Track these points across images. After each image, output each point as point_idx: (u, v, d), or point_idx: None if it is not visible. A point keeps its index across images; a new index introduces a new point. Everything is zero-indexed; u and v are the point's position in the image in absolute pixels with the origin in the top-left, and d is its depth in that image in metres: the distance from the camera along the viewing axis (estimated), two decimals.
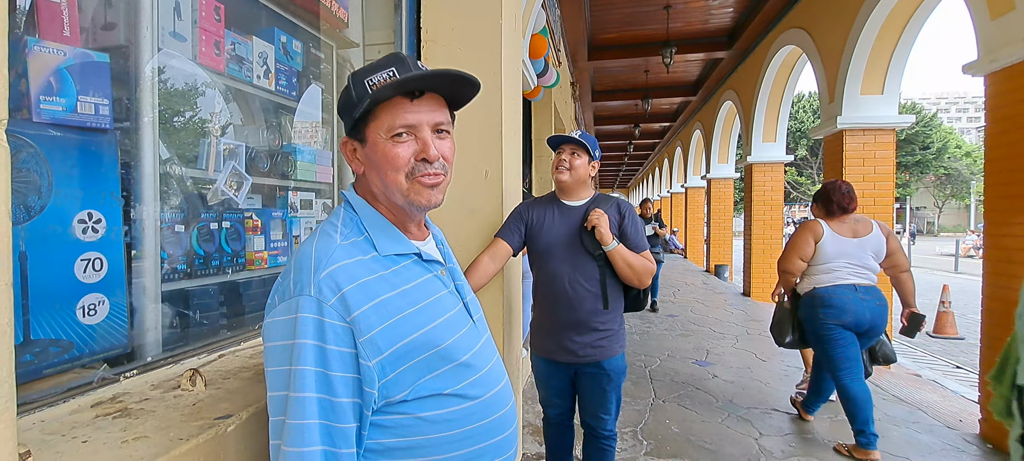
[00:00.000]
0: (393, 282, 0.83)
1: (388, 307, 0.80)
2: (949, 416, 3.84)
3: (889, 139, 5.34)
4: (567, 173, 2.07)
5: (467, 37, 2.24)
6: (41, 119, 1.04)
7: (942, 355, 6.67)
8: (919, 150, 37.19)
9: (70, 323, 1.11)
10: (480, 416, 0.88)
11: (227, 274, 1.51)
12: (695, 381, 4.46)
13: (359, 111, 0.84)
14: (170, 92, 1.37)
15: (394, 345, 0.79)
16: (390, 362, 0.79)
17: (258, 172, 1.64)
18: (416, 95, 0.85)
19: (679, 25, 7.62)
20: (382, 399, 0.80)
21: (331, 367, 0.74)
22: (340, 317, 0.76)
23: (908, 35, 5.02)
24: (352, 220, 0.89)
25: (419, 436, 0.82)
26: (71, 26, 1.12)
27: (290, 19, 1.79)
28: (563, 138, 2.11)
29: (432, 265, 0.93)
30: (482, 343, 0.95)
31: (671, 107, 13.90)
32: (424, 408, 0.82)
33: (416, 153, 0.85)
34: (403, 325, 0.81)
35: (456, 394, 0.85)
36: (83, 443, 0.84)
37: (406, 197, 0.86)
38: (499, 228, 2.17)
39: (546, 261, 2.09)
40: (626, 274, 2.02)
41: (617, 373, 2.09)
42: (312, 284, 0.76)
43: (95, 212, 1.14)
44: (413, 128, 0.85)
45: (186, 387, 1.08)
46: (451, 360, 0.85)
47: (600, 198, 2.12)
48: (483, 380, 0.90)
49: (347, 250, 0.82)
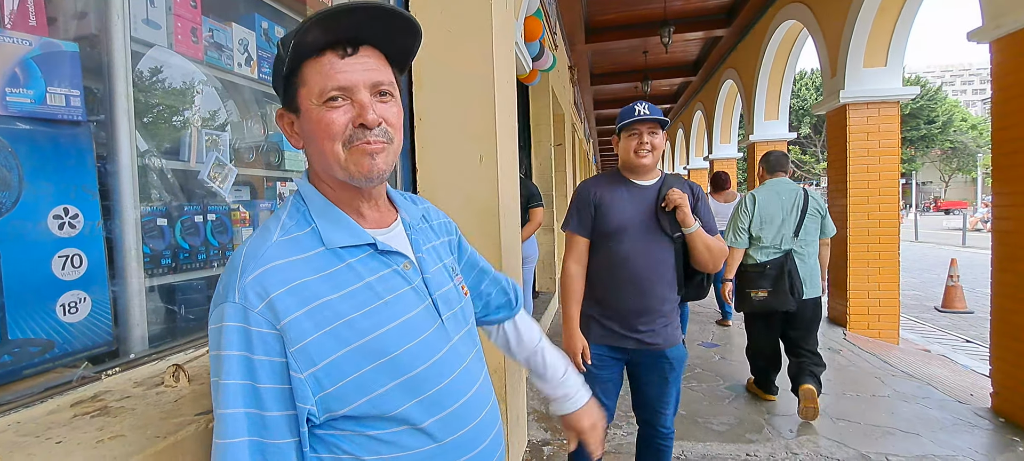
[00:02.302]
0: (338, 282, 0.74)
1: (327, 311, 0.71)
2: (960, 391, 3.80)
3: (893, 112, 5.25)
4: (650, 155, 1.90)
5: (456, 20, 2.19)
6: (8, 112, 1.00)
7: (951, 330, 6.62)
8: (924, 124, 36.80)
9: (50, 321, 1.08)
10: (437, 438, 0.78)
11: (214, 268, 1.48)
12: (701, 362, 4.43)
13: (284, 71, 0.74)
14: (146, 82, 1.32)
15: (333, 354, 0.71)
16: (326, 374, 0.70)
17: (243, 163, 1.60)
18: (348, 51, 0.74)
19: (678, 3, 7.50)
20: (324, 413, 0.72)
21: (259, 379, 0.67)
22: (269, 324, 0.68)
23: (911, 4, 4.91)
24: (299, 210, 0.79)
25: (371, 456, 0.74)
26: (37, 14, 1.07)
27: (271, 4, 1.74)
28: (637, 117, 1.89)
29: (391, 257, 0.81)
30: (451, 345, 0.84)
31: (671, 88, 13.76)
32: (374, 426, 0.74)
33: (353, 119, 0.74)
34: (344, 331, 0.72)
35: (401, 416, 0.75)
36: (57, 444, 0.81)
37: (345, 168, 0.75)
38: (565, 220, 2.04)
39: (618, 242, 1.93)
40: (704, 258, 1.91)
41: (680, 362, 1.98)
42: (237, 289, 0.68)
43: (71, 207, 1.10)
44: (348, 90, 0.74)
45: (169, 383, 1.05)
46: (402, 372, 0.75)
47: (670, 177, 1.99)
48: (437, 396, 0.79)
49: (282, 248, 0.73)
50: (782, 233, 3.25)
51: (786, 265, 3.21)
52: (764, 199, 3.31)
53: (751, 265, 3.32)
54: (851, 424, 3.19)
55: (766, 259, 3.26)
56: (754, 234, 3.30)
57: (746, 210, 3.33)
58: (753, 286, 3.28)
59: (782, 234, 3.25)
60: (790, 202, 3.28)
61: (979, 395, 3.64)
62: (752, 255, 3.34)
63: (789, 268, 3.21)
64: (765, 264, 3.24)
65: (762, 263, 3.26)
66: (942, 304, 7.72)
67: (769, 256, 3.27)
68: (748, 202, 3.35)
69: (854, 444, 2.92)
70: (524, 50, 4.28)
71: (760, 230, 3.28)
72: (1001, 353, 3.33)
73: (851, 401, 3.56)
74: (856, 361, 4.41)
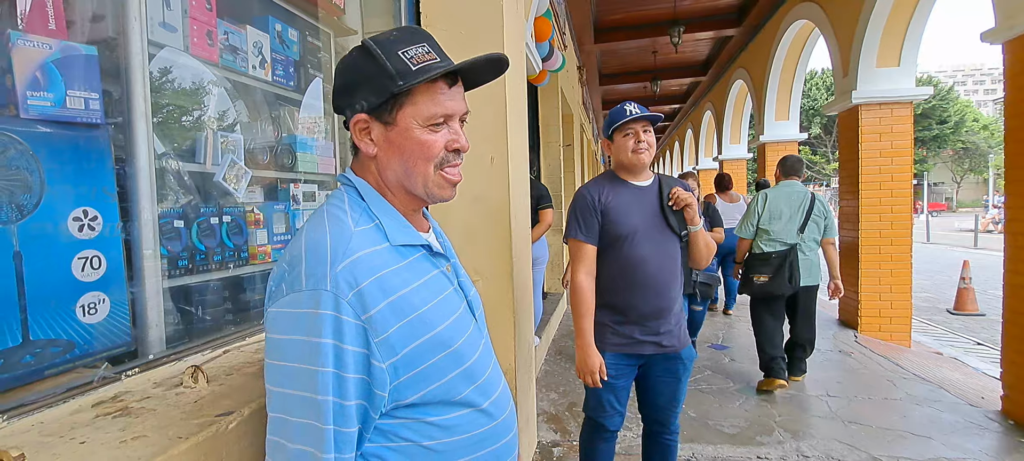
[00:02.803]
0: (407, 276, 0.78)
1: (403, 304, 0.75)
2: (971, 393, 3.76)
3: (906, 112, 5.19)
4: (647, 153, 1.88)
5: (468, 21, 2.19)
6: (29, 115, 1.01)
7: (963, 332, 6.54)
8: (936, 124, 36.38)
9: (70, 323, 1.10)
10: (485, 422, 0.84)
11: (230, 269, 1.49)
12: (711, 365, 4.41)
13: (401, 88, 0.76)
14: (163, 84, 1.34)
15: (409, 345, 0.74)
16: (404, 363, 0.75)
17: (258, 164, 1.62)
18: (453, 81, 0.82)
19: (687, 3, 7.46)
20: (392, 402, 0.76)
21: (346, 368, 0.70)
22: (355, 314, 0.70)
23: (925, 3, 4.85)
24: (359, 205, 0.81)
25: (430, 441, 0.79)
26: (57, 19, 1.09)
27: (285, 7, 1.76)
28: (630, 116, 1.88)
29: (439, 259, 0.87)
30: (484, 344, 0.91)
31: (681, 88, 13.69)
32: (434, 413, 0.79)
33: (448, 142, 0.81)
34: (418, 324, 0.76)
35: (463, 401, 0.81)
36: (81, 444, 0.82)
37: (427, 188, 0.82)
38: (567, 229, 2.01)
39: (632, 246, 1.88)
40: (702, 254, 1.94)
41: (691, 362, 1.98)
42: (329, 277, 0.70)
43: (91, 209, 1.12)
44: (449, 117, 0.81)
45: (188, 384, 1.06)
46: (461, 362, 0.81)
47: (664, 177, 1.99)
48: (486, 385, 0.86)
49: (363, 238, 0.76)
50: (788, 229, 3.63)
51: (789, 257, 3.60)
52: (775, 197, 3.71)
53: (758, 254, 3.71)
54: (863, 427, 3.16)
55: (771, 250, 3.66)
56: (763, 227, 3.70)
57: (757, 206, 3.75)
58: (756, 271, 3.69)
59: (788, 230, 3.63)
60: (797, 203, 3.67)
61: (990, 398, 3.60)
62: (760, 245, 3.71)
63: (791, 260, 3.60)
64: (770, 254, 3.64)
65: (767, 253, 3.66)
66: (954, 306, 7.63)
67: (775, 248, 3.65)
68: (760, 199, 3.75)
69: (865, 447, 2.89)
70: (534, 51, 4.27)
71: (768, 224, 3.68)
72: (1013, 356, 3.28)
73: (863, 404, 3.53)
74: (868, 364, 4.37)
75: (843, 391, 3.71)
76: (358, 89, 0.80)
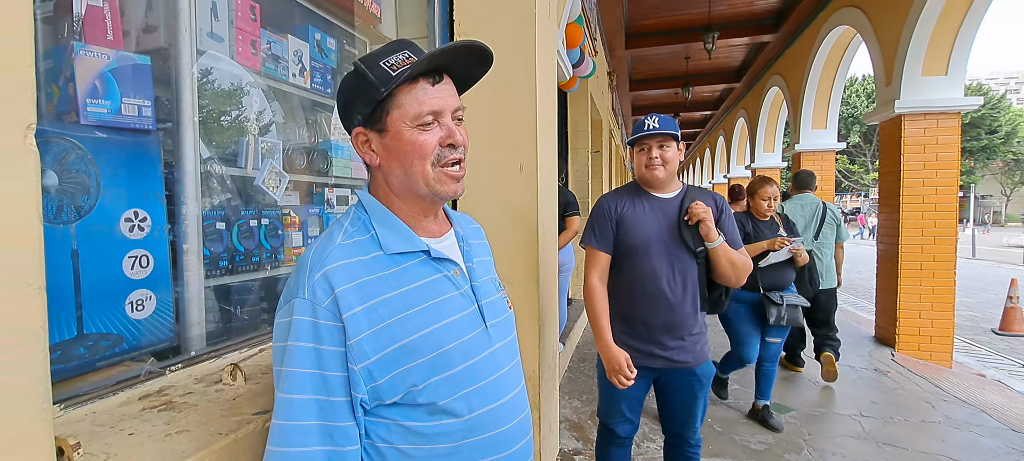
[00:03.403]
0: (393, 283, 0.81)
1: (382, 309, 0.78)
2: (1015, 419, 3.58)
3: (953, 124, 4.98)
4: (661, 169, 1.87)
5: (501, 29, 2.21)
6: (88, 121, 1.08)
7: (1009, 354, 6.22)
8: (985, 134, 34.71)
9: (120, 318, 1.16)
10: (471, 433, 0.83)
11: (267, 270, 1.55)
12: (736, 377, 4.32)
13: (383, 93, 0.80)
14: (209, 92, 1.40)
15: (384, 350, 0.77)
16: (378, 367, 0.77)
17: (295, 169, 1.67)
18: (437, 79, 0.83)
19: (722, 8, 7.33)
20: (374, 401, 0.79)
21: (327, 367, 0.75)
22: (334, 317, 0.75)
23: (977, 9, 4.64)
24: (360, 218, 0.87)
25: (405, 445, 0.80)
26: (114, 29, 1.15)
27: (324, 16, 1.81)
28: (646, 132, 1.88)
29: (443, 264, 0.88)
30: (492, 351, 0.89)
31: (713, 95, 13.45)
32: (412, 417, 0.80)
33: (441, 139, 0.83)
34: (395, 328, 0.78)
35: (446, 409, 0.81)
36: (130, 435, 0.86)
37: (430, 187, 0.84)
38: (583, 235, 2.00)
39: (643, 258, 1.89)
40: (727, 272, 1.86)
41: (708, 379, 1.96)
42: (306, 286, 0.76)
43: (141, 211, 1.18)
44: (438, 114, 0.83)
45: (227, 381, 1.11)
46: (448, 368, 0.81)
47: (692, 189, 1.95)
48: (484, 391, 0.85)
49: (346, 249, 0.80)
50: (805, 236, 3.96)
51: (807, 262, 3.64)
52: (791, 209, 4.13)
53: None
54: (898, 450, 3.05)
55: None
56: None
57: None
58: None
59: (805, 237, 3.94)
60: (811, 212, 4.15)
61: None
62: None
63: (809, 266, 3.62)
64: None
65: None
66: (1000, 326, 7.26)
67: None
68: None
69: None
70: (565, 57, 4.28)
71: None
72: None
73: (899, 426, 3.40)
74: (905, 384, 4.21)
75: (878, 411, 3.58)
76: (353, 105, 0.86)
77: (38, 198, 0.56)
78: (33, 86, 0.55)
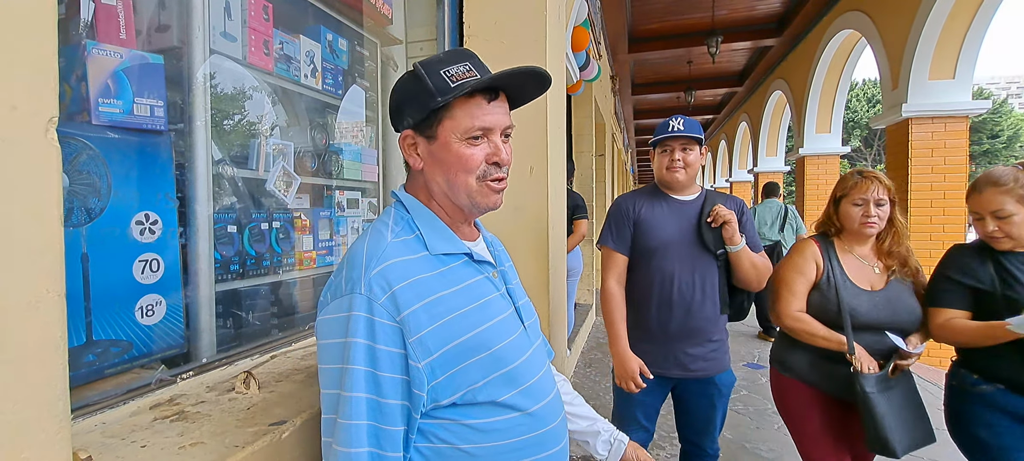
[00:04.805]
0: (443, 281, 0.81)
1: (439, 306, 0.78)
2: None
3: (961, 127, 4.95)
4: (683, 172, 1.84)
5: (510, 31, 2.19)
6: (100, 121, 1.04)
7: None
8: (987, 138, 34.69)
9: (129, 324, 1.12)
10: (530, 429, 0.84)
11: (278, 274, 1.51)
12: (747, 384, 4.28)
13: (439, 103, 0.80)
14: (221, 93, 1.37)
15: (444, 346, 0.77)
16: (440, 364, 0.77)
17: (306, 171, 1.64)
18: (493, 96, 0.84)
19: (725, 12, 7.32)
20: (430, 402, 0.77)
21: (380, 367, 0.73)
22: (390, 316, 0.74)
23: (985, 11, 4.62)
24: (403, 218, 0.87)
25: (466, 444, 0.79)
26: (127, 28, 1.12)
27: (335, 17, 1.78)
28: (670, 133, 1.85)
29: (483, 266, 0.90)
30: (533, 350, 0.91)
31: (715, 99, 13.44)
32: (472, 415, 0.79)
33: (488, 156, 0.84)
34: (454, 325, 0.78)
35: (506, 404, 0.81)
36: (142, 448, 0.83)
37: (471, 199, 0.85)
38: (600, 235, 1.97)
39: (660, 260, 1.85)
40: (749, 276, 1.81)
41: (728, 388, 1.91)
42: (363, 282, 0.75)
43: (152, 213, 1.15)
44: (488, 131, 0.84)
45: (240, 390, 1.07)
46: (502, 366, 0.82)
47: (712, 193, 1.92)
48: (533, 390, 0.86)
49: (398, 247, 0.80)
50: (772, 230, 5.44)
51: (775, 249, 5.22)
52: (761, 211, 5.61)
53: None
54: (914, 458, 3.00)
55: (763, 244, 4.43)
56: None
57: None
58: None
59: (772, 231, 5.44)
60: (775, 213, 5.53)
61: None
62: None
63: (777, 252, 5.13)
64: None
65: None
66: None
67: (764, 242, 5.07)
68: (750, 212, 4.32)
69: None
70: (572, 61, 4.26)
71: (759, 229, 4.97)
72: None
73: None
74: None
75: None
76: (405, 107, 0.86)
77: (59, 197, 0.53)
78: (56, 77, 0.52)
